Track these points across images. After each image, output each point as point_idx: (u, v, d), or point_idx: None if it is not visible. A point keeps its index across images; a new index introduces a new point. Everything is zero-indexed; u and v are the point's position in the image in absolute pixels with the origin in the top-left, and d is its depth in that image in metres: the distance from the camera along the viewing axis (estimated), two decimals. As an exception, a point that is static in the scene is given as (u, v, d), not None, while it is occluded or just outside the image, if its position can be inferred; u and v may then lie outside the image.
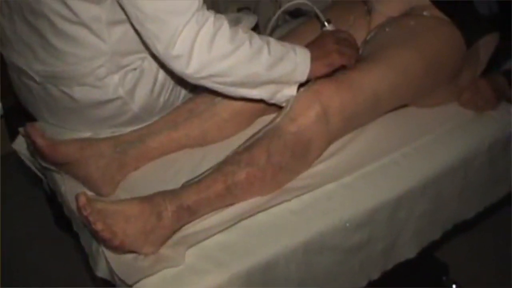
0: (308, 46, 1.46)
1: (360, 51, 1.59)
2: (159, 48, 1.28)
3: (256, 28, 1.86)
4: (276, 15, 1.67)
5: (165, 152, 1.54)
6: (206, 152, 1.54)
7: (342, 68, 1.46)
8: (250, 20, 1.81)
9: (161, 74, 1.54)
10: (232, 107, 1.54)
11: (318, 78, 1.43)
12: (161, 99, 1.58)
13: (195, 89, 1.62)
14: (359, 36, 1.64)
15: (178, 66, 1.30)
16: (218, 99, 1.54)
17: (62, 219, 1.69)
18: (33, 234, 2.30)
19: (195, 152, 1.55)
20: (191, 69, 1.29)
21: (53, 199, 1.71)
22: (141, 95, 1.53)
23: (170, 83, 1.58)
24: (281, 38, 1.64)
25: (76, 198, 1.19)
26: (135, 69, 1.51)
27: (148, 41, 1.30)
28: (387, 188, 1.44)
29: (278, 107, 1.47)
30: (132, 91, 1.52)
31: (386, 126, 1.56)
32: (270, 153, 1.35)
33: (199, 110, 1.55)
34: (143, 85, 1.53)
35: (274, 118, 1.41)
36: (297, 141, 1.37)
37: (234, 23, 1.69)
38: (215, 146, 1.56)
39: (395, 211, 1.46)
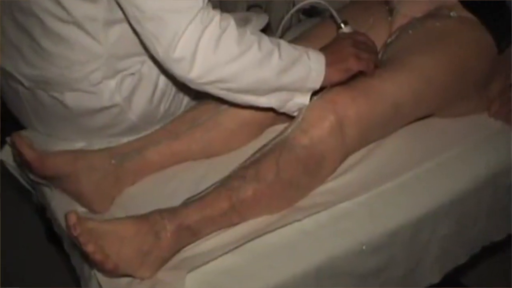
0: (322, 50, 1.44)
1: (380, 56, 1.57)
2: (159, 51, 1.27)
3: (267, 28, 1.85)
4: (289, 14, 1.66)
5: (165, 165, 1.53)
6: (210, 166, 1.53)
7: (360, 74, 1.44)
8: (260, 19, 1.80)
9: (162, 79, 1.53)
10: (239, 116, 1.54)
11: (333, 85, 1.42)
12: (162, 107, 1.57)
13: (199, 96, 1.60)
14: (379, 39, 1.62)
15: (179, 71, 1.29)
16: (224, 107, 1.53)
17: (55, 235, 1.68)
18: (23, 248, 2.30)
19: (198, 165, 1.54)
20: (194, 74, 1.28)
21: (44, 213, 1.70)
22: (139, 103, 1.53)
23: (172, 89, 1.58)
24: (294, 41, 1.63)
25: (66, 216, 1.17)
26: (133, 73, 1.50)
27: (147, 43, 1.29)
28: (408, 207, 1.43)
29: (288, 117, 1.46)
30: (129, 98, 1.51)
31: (407, 139, 1.54)
32: (279, 168, 1.34)
33: (203, 119, 1.54)
34: (142, 91, 1.52)
35: (284, 129, 1.40)
36: (309, 155, 1.36)
37: (243, 23, 1.69)
38: (219, 159, 1.55)
39: (416, 232, 1.44)
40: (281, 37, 1.65)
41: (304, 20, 2.21)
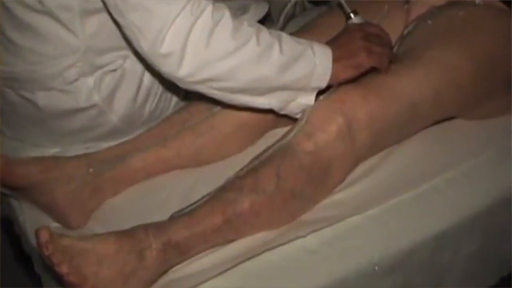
0: (329, 43, 1.45)
1: (395, 49, 1.58)
2: (143, 45, 1.28)
3: (267, 18, 1.86)
4: (292, 2, 1.67)
5: (150, 174, 1.55)
6: (202, 175, 1.55)
7: (372, 71, 1.45)
8: (259, 8, 1.80)
9: (147, 76, 1.55)
10: (235, 119, 1.55)
11: (342, 83, 1.43)
12: (147, 108, 1.59)
13: (189, 96, 1.61)
14: (394, 30, 1.63)
15: (167, 67, 1.30)
16: (218, 108, 1.54)
17: (23, 253, 1.69)
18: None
19: (188, 174, 1.55)
20: (184, 71, 1.29)
21: (11, 229, 1.71)
22: (121, 103, 1.54)
23: (159, 88, 1.59)
24: (297, 33, 1.64)
25: (37, 233, 1.18)
26: (114, 70, 1.51)
27: (131, 36, 1.30)
28: (427, 222, 1.43)
29: (291, 120, 1.47)
30: (110, 98, 1.52)
31: (426, 144, 1.55)
32: (280, 177, 1.34)
33: (194, 122, 1.55)
34: (124, 90, 1.53)
35: (286, 134, 1.40)
36: (314, 162, 1.36)
37: (240, 12, 1.69)
38: (213, 167, 1.56)
39: (437, 251, 1.44)
40: (282, 28, 1.67)
41: (310, 9, 2.21)
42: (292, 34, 1.46)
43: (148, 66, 1.47)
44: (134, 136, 1.57)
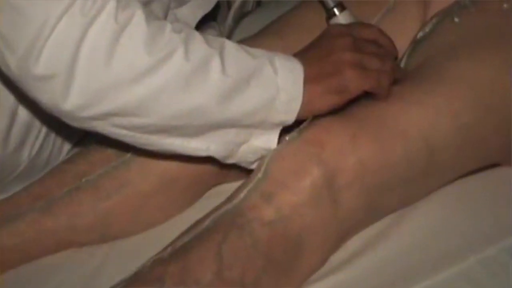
0: (300, 55, 1.44)
1: (403, 62, 1.59)
2: (10, 61, 1.25)
3: (218, 12, 1.86)
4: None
5: (29, 255, 1.55)
6: (109, 256, 1.55)
7: (365, 97, 1.44)
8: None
9: (23, 109, 1.54)
10: (158, 171, 1.55)
11: (319, 116, 1.42)
12: (25, 154, 1.59)
13: (89, 137, 1.61)
14: (403, 32, 1.65)
15: (46, 96, 1.27)
16: (130, 156, 1.54)
17: None
18: None
19: (88, 255, 1.56)
20: (73, 102, 1.26)
21: None
22: (-16, 147, 1.53)
23: (43, 124, 1.58)
24: (254, 38, 1.64)
25: None
26: (-27, 98, 1.50)
27: None
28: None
29: (242, 172, 1.48)
30: (-33, 140, 1.52)
31: (449, 207, 1.54)
32: (223, 262, 1.32)
33: (97, 175, 1.55)
34: (-11, 128, 1.53)
35: (234, 194, 1.39)
36: (277, 239, 1.35)
37: (177, 3, 1.68)
38: (123, 244, 1.57)
39: None
40: (232, 29, 1.66)
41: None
42: (244, 41, 1.45)
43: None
44: (5, 197, 1.56)
